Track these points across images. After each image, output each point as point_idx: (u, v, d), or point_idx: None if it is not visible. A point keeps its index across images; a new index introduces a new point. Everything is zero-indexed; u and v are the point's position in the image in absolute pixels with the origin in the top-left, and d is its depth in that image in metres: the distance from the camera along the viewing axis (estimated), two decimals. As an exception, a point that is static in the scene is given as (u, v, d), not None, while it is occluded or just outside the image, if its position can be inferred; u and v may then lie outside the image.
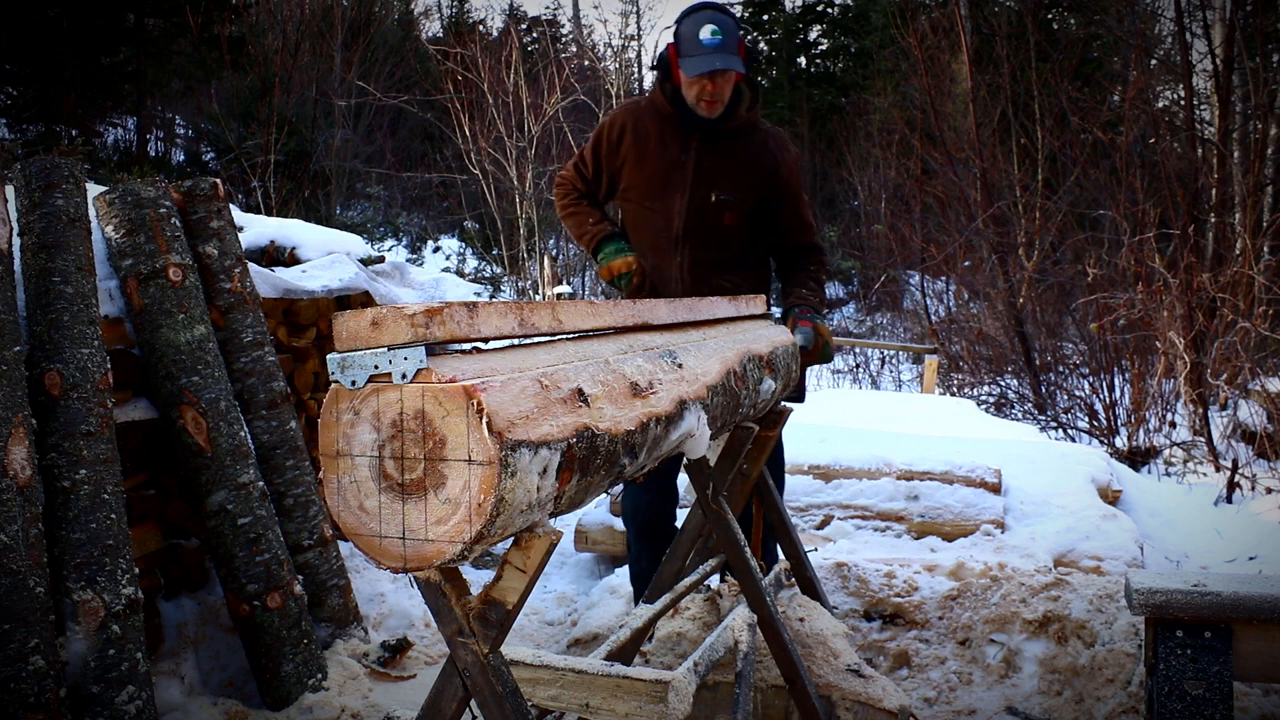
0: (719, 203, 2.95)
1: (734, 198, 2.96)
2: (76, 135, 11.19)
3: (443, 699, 1.47)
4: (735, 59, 2.81)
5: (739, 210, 2.97)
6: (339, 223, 12.97)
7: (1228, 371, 7.01)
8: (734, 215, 2.97)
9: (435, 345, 1.24)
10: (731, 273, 3.03)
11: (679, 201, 2.97)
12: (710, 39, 2.80)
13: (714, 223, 2.97)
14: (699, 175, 2.95)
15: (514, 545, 1.36)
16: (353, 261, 4.17)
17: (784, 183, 3.02)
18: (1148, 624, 2.40)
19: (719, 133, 2.95)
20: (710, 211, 2.96)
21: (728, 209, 2.96)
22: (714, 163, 2.96)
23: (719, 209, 2.96)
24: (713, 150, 2.96)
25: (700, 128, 2.94)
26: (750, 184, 2.97)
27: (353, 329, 1.26)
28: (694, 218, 2.97)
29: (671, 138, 2.97)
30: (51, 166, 2.68)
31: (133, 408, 2.88)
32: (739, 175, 2.97)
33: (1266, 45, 9.55)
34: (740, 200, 2.97)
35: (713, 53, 2.78)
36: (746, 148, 2.99)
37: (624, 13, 26.97)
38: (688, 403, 1.75)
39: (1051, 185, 11.40)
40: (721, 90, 2.86)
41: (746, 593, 2.34)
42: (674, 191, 2.98)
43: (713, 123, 2.92)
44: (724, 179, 2.96)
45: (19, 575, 2.16)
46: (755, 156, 2.99)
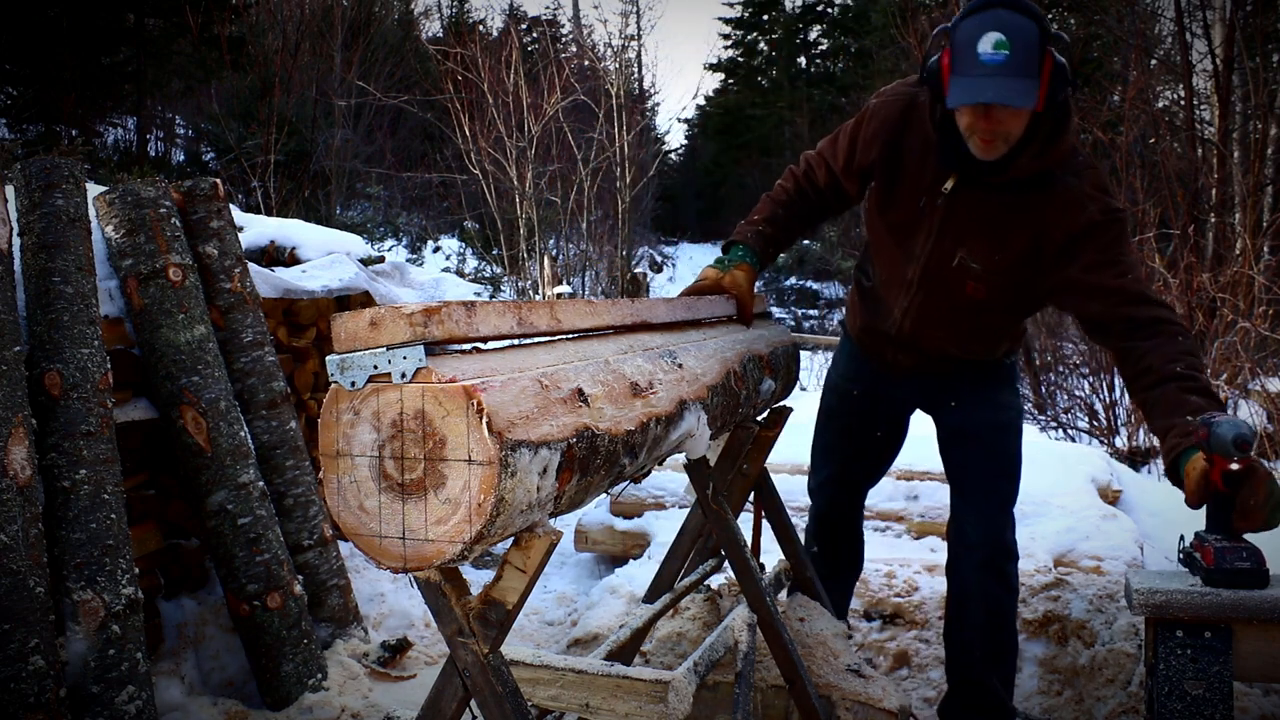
0: (961, 267, 2.28)
1: (982, 268, 2.26)
2: (76, 135, 11.19)
3: (443, 699, 1.47)
4: (1025, 87, 1.99)
5: (988, 284, 2.28)
6: (339, 223, 12.97)
7: (1228, 371, 7.00)
8: (980, 288, 2.29)
9: (434, 345, 1.24)
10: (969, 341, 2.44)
11: (920, 246, 2.33)
12: (991, 55, 1.99)
13: (954, 287, 2.33)
14: (945, 226, 2.28)
15: (514, 545, 1.36)
16: (353, 261, 4.17)
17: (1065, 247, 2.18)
18: (1148, 624, 2.40)
19: (987, 178, 2.21)
20: (950, 274, 2.30)
21: (971, 279, 2.28)
22: (967, 216, 2.25)
23: (961, 275, 2.29)
24: (971, 199, 2.24)
25: (964, 164, 2.21)
26: (1011, 253, 2.24)
27: (351, 329, 1.26)
28: (933, 270, 2.34)
29: (930, 165, 2.27)
30: (51, 166, 2.68)
31: (133, 408, 2.88)
32: (996, 240, 2.24)
33: (1266, 45, 9.55)
34: (990, 273, 2.27)
35: (991, 75, 1.99)
36: (1023, 204, 2.20)
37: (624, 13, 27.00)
38: (688, 403, 1.75)
39: (1052, 185, 11.38)
40: (1004, 127, 2.08)
41: (746, 593, 2.34)
42: (917, 233, 2.33)
43: (986, 168, 2.19)
44: (975, 240, 2.25)
45: (19, 575, 2.16)
46: (1031, 217, 2.20)
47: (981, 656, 2.55)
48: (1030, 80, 2.00)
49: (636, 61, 24.44)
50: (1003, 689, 2.57)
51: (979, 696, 2.56)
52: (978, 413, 2.56)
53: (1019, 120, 2.08)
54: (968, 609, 2.57)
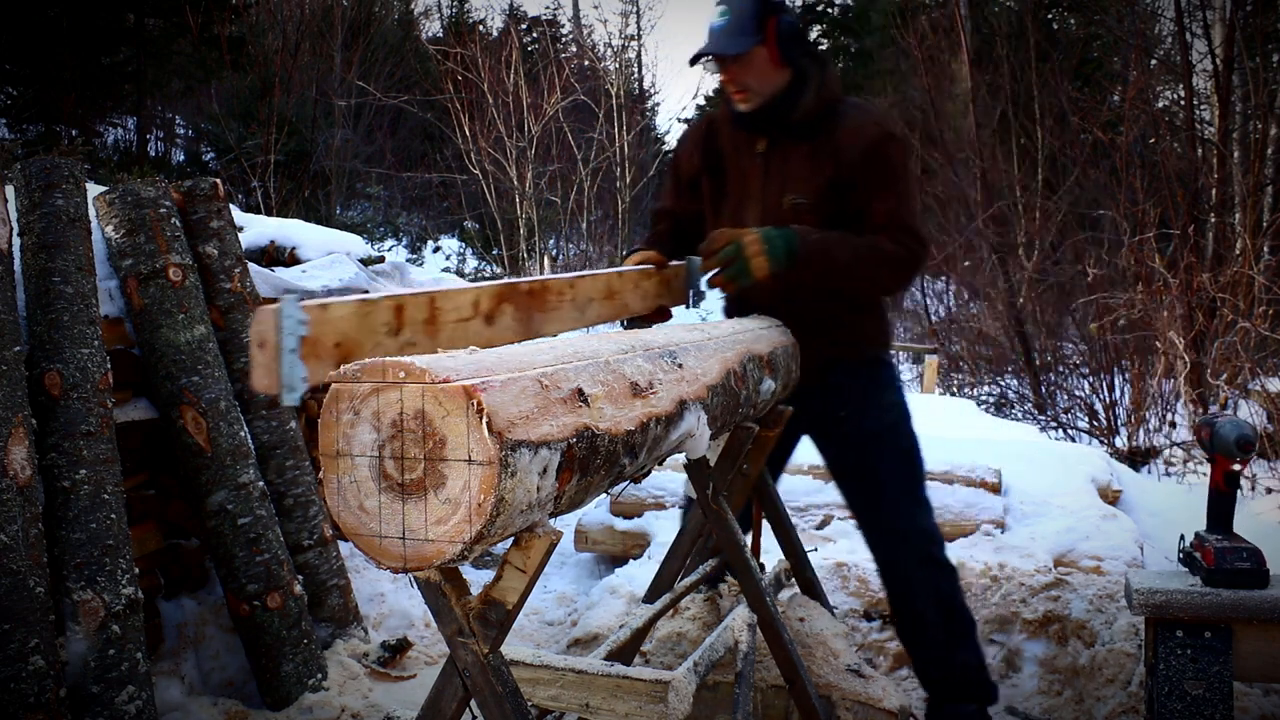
0: (793, 208, 2.52)
1: (808, 201, 2.50)
2: (76, 135, 11.19)
3: (443, 699, 1.47)
4: (738, 39, 2.38)
5: (818, 214, 2.49)
6: (339, 223, 12.96)
7: (1228, 371, 7.01)
8: (810, 220, 2.49)
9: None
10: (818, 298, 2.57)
11: (752, 212, 2.58)
12: (716, 23, 2.40)
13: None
14: (768, 179, 2.56)
15: (514, 545, 1.36)
16: (353, 261, 4.17)
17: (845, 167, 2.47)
18: (1148, 624, 2.40)
19: (788, 127, 2.51)
20: (785, 219, 2.51)
21: (805, 213, 2.50)
22: (783, 163, 2.54)
23: (795, 215, 2.51)
24: (783, 150, 2.54)
25: (763, 126, 2.53)
26: (823, 179, 2.50)
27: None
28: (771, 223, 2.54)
29: (742, 143, 2.60)
30: (51, 166, 2.69)
31: (133, 408, 2.88)
32: (810, 172, 2.52)
33: (1266, 45, 9.56)
34: (815, 204, 2.50)
35: (713, 36, 2.39)
36: (819, 138, 2.51)
37: (624, 13, 26.98)
38: (688, 403, 1.75)
39: (1051, 185, 11.40)
40: (739, 78, 2.44)
41: (746, 593, 2.34)
42: (744, 200, 2.60)
43: (776, 118, 2.50)
44: (795, 180, 2.53)
45: (19, 575, 2.16)
46: (823, 145, 2.50)
47: (945, 641, 2.56)
48: (743, 37, 2.39)
49: (636, 61, 24.43)
50: (976, 664, 2.59)
51: (960, 677, 2.56)
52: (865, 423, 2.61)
53: (753, 72, 2.44)
54: (918, 606, 2.57)
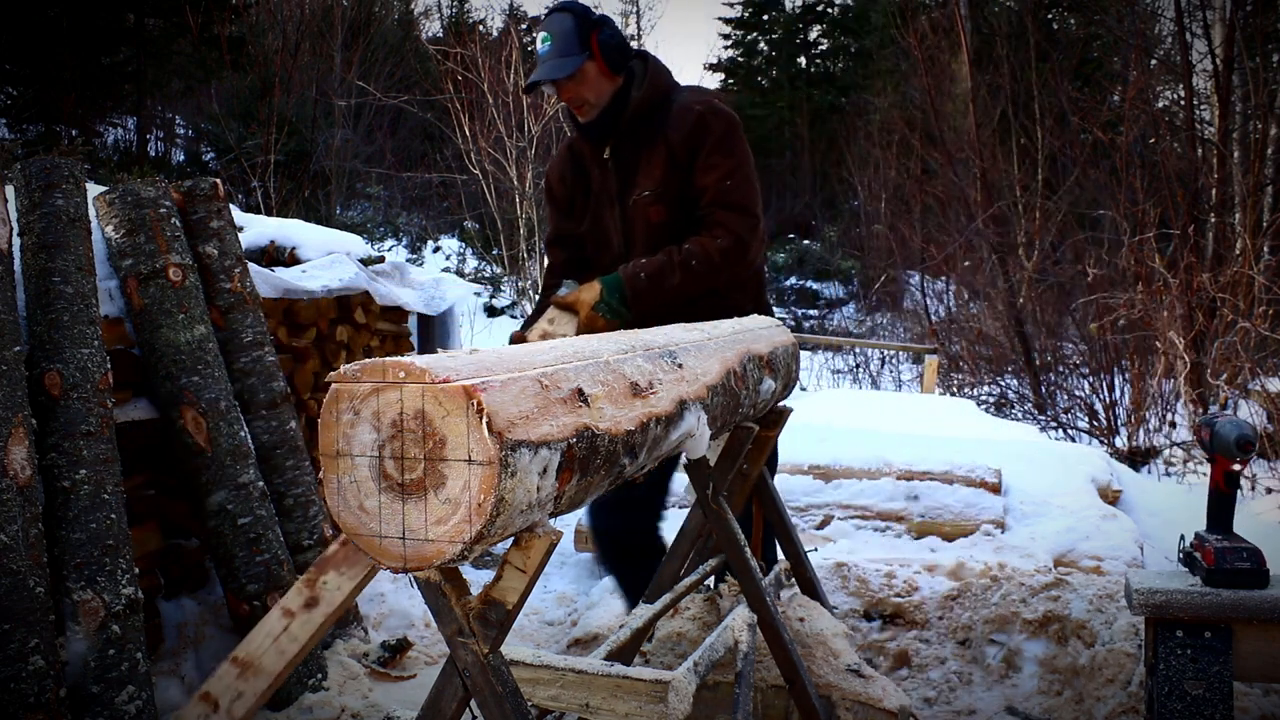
0: (641, 202, 2.65)
1: (652, 192, 2.63)
2: (76, 135, 11.19)
3: (443, 699, 1.47)
4: (564, 61, 2.56)
5: (663, 201, 2.63)
6: (339, 223, 12.96)
7: (1228, 371, 7.01)
8: (658, 210, 2.64)
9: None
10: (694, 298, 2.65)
11: (610, 218, 2.73)
12: (541, 49, 2.60)
13: (644, 221, 2.67)
14: (619, 181, 2.69)
15: (514, 545, 1.36)
16: (353, 261, 4.17)
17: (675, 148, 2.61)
18: (1148, 624, 2.40)
19: (625, 128, 2.66)
20: (638, 212, 2.67)
21: (650, 204, 2.64)
22: (628, 162, 2.68)
23: (642, 208, 2.66)
24: (625, 150, 2.68)
25: (607, 133, 2.68)
26: (660, 167, 2.63)
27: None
28: (625, 228, 2.71)
29: (592, 156, 2.74)
30: (51, 166, 2.68)
31: (133, 408, 2.88)
32: (650, 164, 2.65)
33: (1266, 45, 9.55)
34: (658, 194, 2.63)
35: (542, 62, 2.59)
36: (652, 130, 2.65)
37: (624, 13, 27.00)
38: (688, 403, 1.75)
39: (1051, 185, 11.41)
40: (576, 93, 2.61)
41: (746, 593, 2.34)
42: (603, 209, 2.74)
43: (608, 122, 2.65)
44: (640, 175, 2.66)
45: (19, 575, 2.16)
46: (656, 135, 2.64)
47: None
48: (569, 57, 2.56)
49: (636, 61, 24.37)
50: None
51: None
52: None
53: (587, 85, 2.61)
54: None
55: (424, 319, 5.46)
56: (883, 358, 12.38)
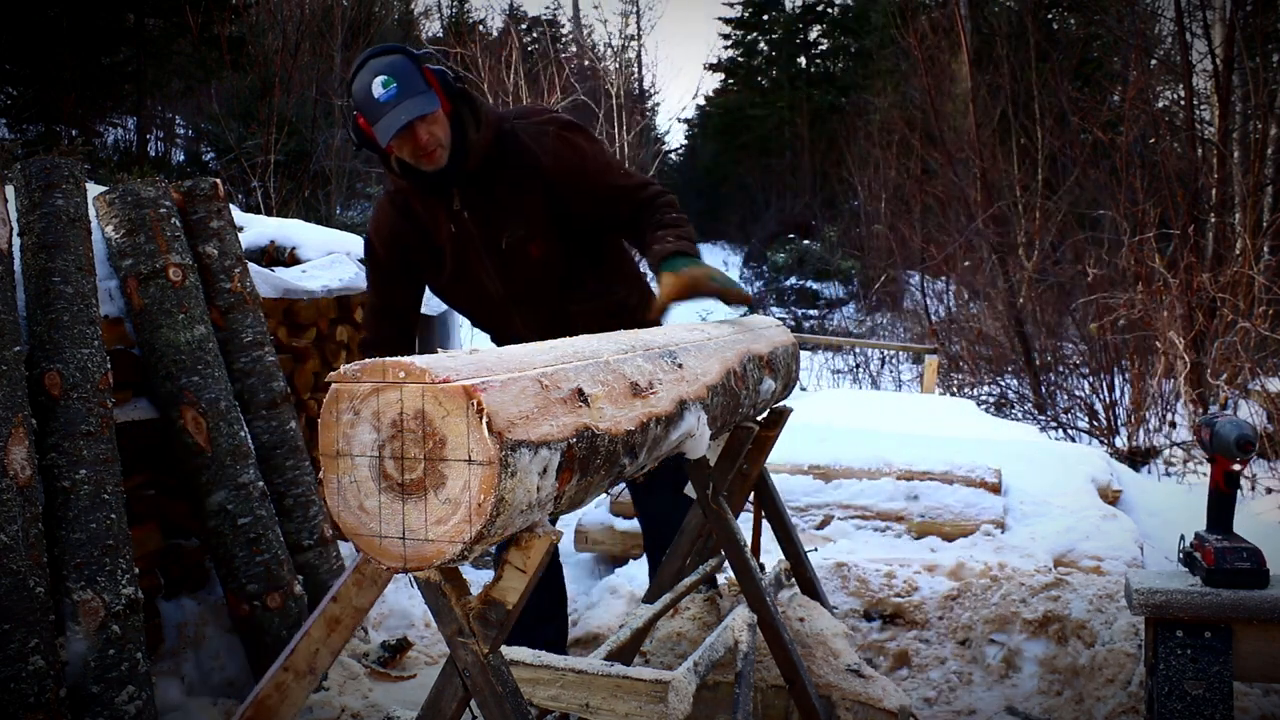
0: (514, 244, 2.51)
1: (524, 229, 2.50)
2: (76, 135, 11.19)
3: (443, 699, 1.47)
4: (423, 99, 2.35)
5: (539, 235, 2.51)
6: (339, 223, 12.94)
7: (1228, 371, 7.01)
8: (538, 245, 2.51)
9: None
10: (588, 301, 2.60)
11: (479, 267, 2.55)
12: (385, 94, 2.34)
13: (525, 263, 2.53)
14: (480, 228, 2.51)
15: (514, 545, 1.36)
16: (353, 261, 4.17)
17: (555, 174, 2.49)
18: (1148, 624, 2.40)
19: (473, 172, 2.48)
20: (514, 256, 2.52)
21: (526, 242, 2.51)
22: (486, 205, 2.50)
23: (518, 249, 2.51)
24: (478, 193, 2.50)
25: (451, 180, 2.48)
26: (532, 203, 2.50)
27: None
28: (503, 273, 2.55)
29: (435, 207, 2.53)
30: (51, 166, 2.68)
31: (133, 408, 2.88)
32: (513, 203, 2.50)
33: (1266, 45, 9.55)
34: (531, 227, 2.51)
35: (395, 106, 2.33)
36: (504, 168, 2.50)
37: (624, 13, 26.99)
38: (688, 403, 1.75)
39: (1051, 185, 11.41)
40: (431, 138, 2.38)
41: (746, 593, 2.34)
42: (467, 260, 2.55)
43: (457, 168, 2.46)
44: (503, 215, 2.50)
45: (19, 575, 2.16)
46: (516, 171, 2.50)
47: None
48: (424, 94, 2.35)
49: (636, 61, 24.46)
50: None
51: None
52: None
53: (437, 126, 2.39)
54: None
55: (424, 319, 5.47)
56: (883, 358, 12.38)
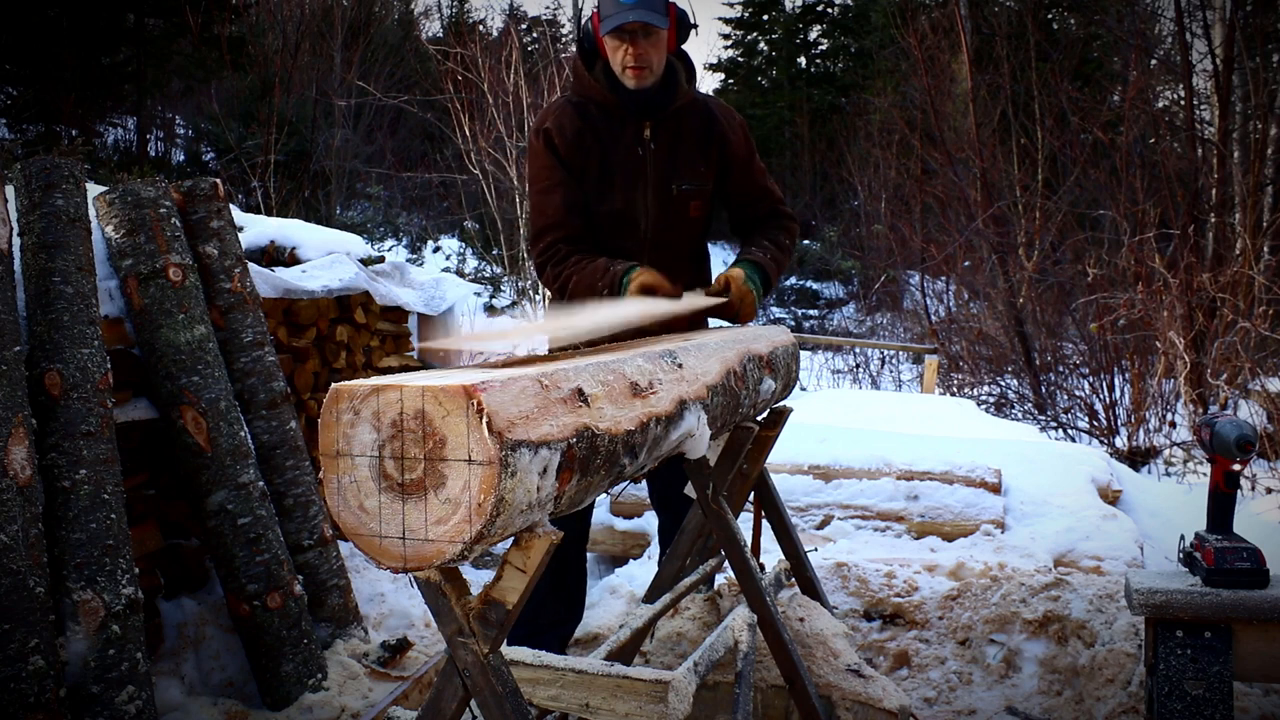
0: (683, 194, 2.64)
1: (696, 185, 2.65)
2: (76, 135, 11.18)
3: (443, 699, 1.47)
4: (658, 15, 2.46)
5: (703, 197, 2.68)
6: (339, 223, 12.96)
7: (1228, 371, 7.01)
8: (699, 205, 2.67)
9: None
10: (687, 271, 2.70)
11: (642, 200, 2.62)
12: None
13: (681, 217, 2.66)
14: (659, 166, 2.61)
15: (514, 545, 1.36)
16: (353, 261, 4.17)
17: (735, 153, 2.70)
18: (1148, 624, 2.40)
19: (670, 113, 2.62)
20: (675, 205, 2.64)
21: (692, 198, 2.65)
22: (672, 149, 2.63)
23: (684, 200, 2.64)
24: (668, 135, 2.62)
25: (650, 111, 2.59)
26: (710, 165, 2.67)
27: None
28: (661, 215, 2.63)
29: (621, 127, 2.61)
30: (51, 166, 2.68)
31: (133, 408, 2.88)
32: (697, 158, 2.65)
33: (1266, 45, 9.55)
34: (702, 187, 2.67)
35: (632, 8, 2.44)
36: (698, 125, 2.66)
37: (624, 13, 26.96)
38: (688, 403, 1.75)
39: (1051, 185, 11.40)
40: (646, 54, 2.50)
41: (746, 593, 2.34)
42: (634, 190, 2.62)
43: (662, 103, 2.58)
44: (685, 166, 2.63)
45: (19, 575, 2.16)
46: (707, 133, 2.66)
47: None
48: (660, 14, 2.48)
49: (636, 61, 24.36)
50: None
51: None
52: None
53: (658, 50, 2.52)
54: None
55: (424, 319, 5.47)
56: (883, 358, 12.38)
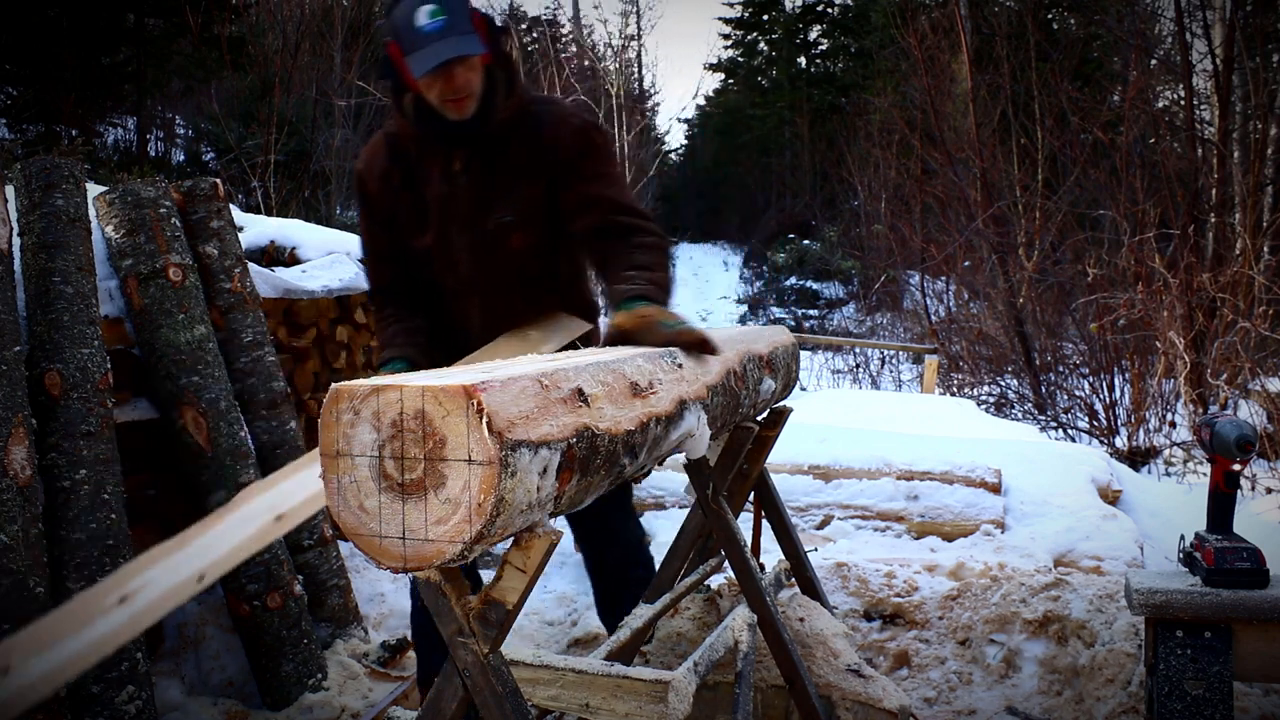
0: (501, 227, 2.32)
1: (516, 214, 2.31)
2: (76, 135, 11.18)
3: (443, 699, 1.47)
4: (469, 40, 2.17)
5: (528, 227, 2.33)
6: (339, 223, 12.94)
7: (1228, 371, 7.01)
8: (523, 236, 2.33)
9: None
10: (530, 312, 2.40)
11: (457, 239, 2.35)
12: (431, 23, 2.14)
13: (504, 253, 2.34)
14: (472, 200, 2.32)
15: (514, 545, 1.36)
16: (353, 261, 4.17)
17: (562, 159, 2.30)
18: (1148, 624, 2.40)
19: (487, 137, 2.30)
20: (495, 239, 2.32)
21: (513, 230, 2.32)
22: (486, 178, 2.32)
23: (503, 234, 2.32)
24: (482, 163, 2.32)
25: (464, 139, 2.30)
26: (531, 189, 2.31)
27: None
28: (478, 254, 2.35)
29: (433, 161, 2.34)
30: (51, 166, 2.69)
31: (133, 408, 2.88)
32: (519, 183, 2.31)
33: (1266, 45, 9.56)
34: (527, 215, 2.32)
35: (439, 39, 2.14)
36: (519, 145, 2.31)
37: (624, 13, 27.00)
38: (688, 402, 1.75)
39: (1051, 185, 11.41)
40: (467, 83, 2.19)
41: (746, 593, 2.34)
42: (448, 228, 2.35)
43: (475, 127, 2.27)
44: (502, 195, 2.32)
45: (19, 575, 2.16)
46: (531, 149, 2.31)
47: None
48: (471, 35, 2.18)
49: (636, 61, 24.47)
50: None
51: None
52: None
53: (475, 74, 2.21)
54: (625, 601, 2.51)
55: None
56: (883, 358, 12.38)
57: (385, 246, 2.47)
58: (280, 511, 1.87)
